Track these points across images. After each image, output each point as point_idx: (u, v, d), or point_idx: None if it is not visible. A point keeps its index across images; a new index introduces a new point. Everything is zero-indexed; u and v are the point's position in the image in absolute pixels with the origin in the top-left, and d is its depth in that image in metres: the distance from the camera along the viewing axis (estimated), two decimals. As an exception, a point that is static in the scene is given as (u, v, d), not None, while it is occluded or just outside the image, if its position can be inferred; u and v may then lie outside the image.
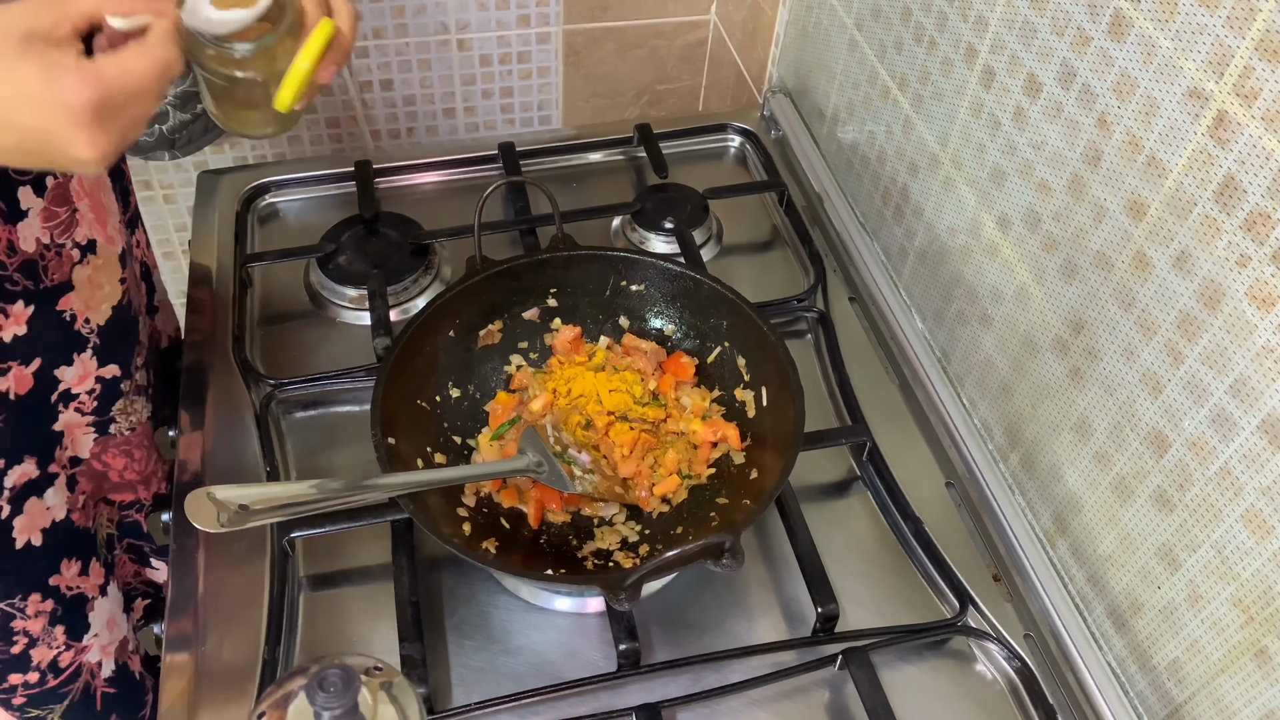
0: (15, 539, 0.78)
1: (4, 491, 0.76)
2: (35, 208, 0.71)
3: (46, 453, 0.79)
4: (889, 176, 1.00)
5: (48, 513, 0.80)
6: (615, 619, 0.73)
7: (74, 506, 0.83)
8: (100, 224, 0.78)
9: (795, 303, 0.98)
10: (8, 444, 0.76)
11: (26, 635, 0.82)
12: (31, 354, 0.74)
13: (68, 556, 0.83)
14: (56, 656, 0.84)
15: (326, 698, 0.50)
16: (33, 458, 0.78)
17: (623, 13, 1.39)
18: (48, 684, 0.85)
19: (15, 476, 0.77)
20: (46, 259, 0.73)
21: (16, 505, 0.78)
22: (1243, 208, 0.58)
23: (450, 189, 1.12)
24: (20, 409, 0.75)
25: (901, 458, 0.87)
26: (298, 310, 0.98)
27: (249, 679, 0.72)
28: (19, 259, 0.71)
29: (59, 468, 0.80)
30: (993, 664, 0.77)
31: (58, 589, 0.82)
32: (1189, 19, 0.59)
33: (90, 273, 0.77)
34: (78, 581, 0.84)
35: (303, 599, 0.78)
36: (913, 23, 0.90)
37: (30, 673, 0.83)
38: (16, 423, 0.75)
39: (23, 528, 0.78)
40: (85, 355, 0.79)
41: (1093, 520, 0.75)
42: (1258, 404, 0.59)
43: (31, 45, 0.52)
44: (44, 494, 0.79)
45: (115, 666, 0.89)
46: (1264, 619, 0.61)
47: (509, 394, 0.87)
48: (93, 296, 0.78)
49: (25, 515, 0.78)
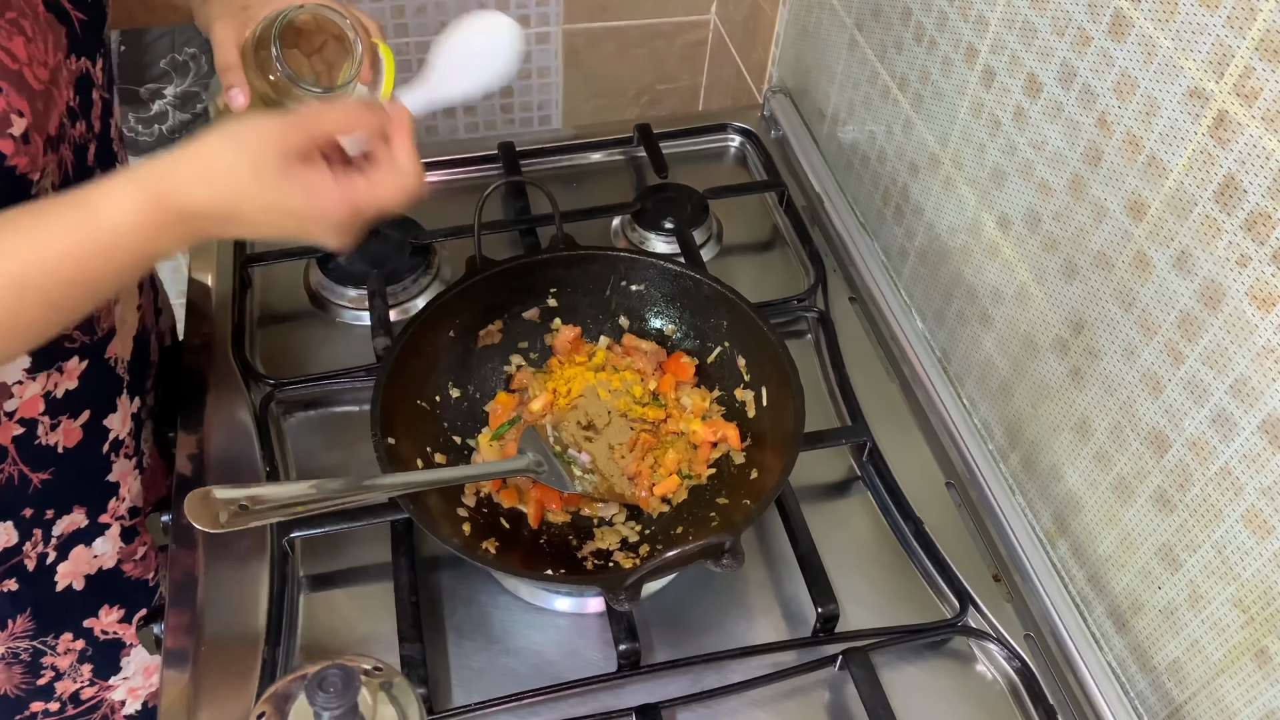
0: (57, 582, 0.79)
1: (51, 539, 0.76)
2: None
3: (99, 503, 0.79)
4: (889, 176, 1.00)
5: (95, 560, 0.80)
6: (615, 619, 0.73)
7: (128, 557, 0.82)
8: None
9: (795, 303, 0.98)
10: (56, 495, 0.75)
11: (54, 670, 0.82)
12: (81, 407, 0.74)
13: (109, 603, 0.83)
14: (79, 690, 0.84)
15: (326, 698, 0.50)
16: (82, 508, 0.78)
17: (623, 13, 1.39)
18: (67, 713, 0.85)
19: (63, 526, 0.77)
20: (99, 309, 0.73)
21: (62, 552, 0.78)
22: (1243, 208, 0.58)
23: (450, 189, 1.12)
24: (69, 461, 0.75)
25: (901, 458, 0.87)
26: (298, 310, 0.98)
27: (249, 679, 0.72)
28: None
29: (112, 519, 0.80)
30: (993, 664, 0.77)
31: (91, 631, 0.82)
32: (1189, 19, 0.59)
33: (121, 311, 0.77)
34: (116, 628, 0.84)
35: (303, 599, 0.78)
36: (913, 23, 0.90)
37: (52, 702, 0.84)
38: (66, 475, 0.75)
39: (65, 572, 0.79)
40: (123, 397, 0.79)
41: (1093, 520, 0.75)
42: (1258, 404, 0.59)
43: (289, 166, 0.58)
44: (93, 543, 0.79)
45: (140, 707, 0.89)
46: (1264, 619, 0.61)
47: (509, 394, 0.87)
48: (124, 334, 0.78)
49: (69, 561, 0.78)
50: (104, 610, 0.83)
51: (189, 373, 0.91)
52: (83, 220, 0.56)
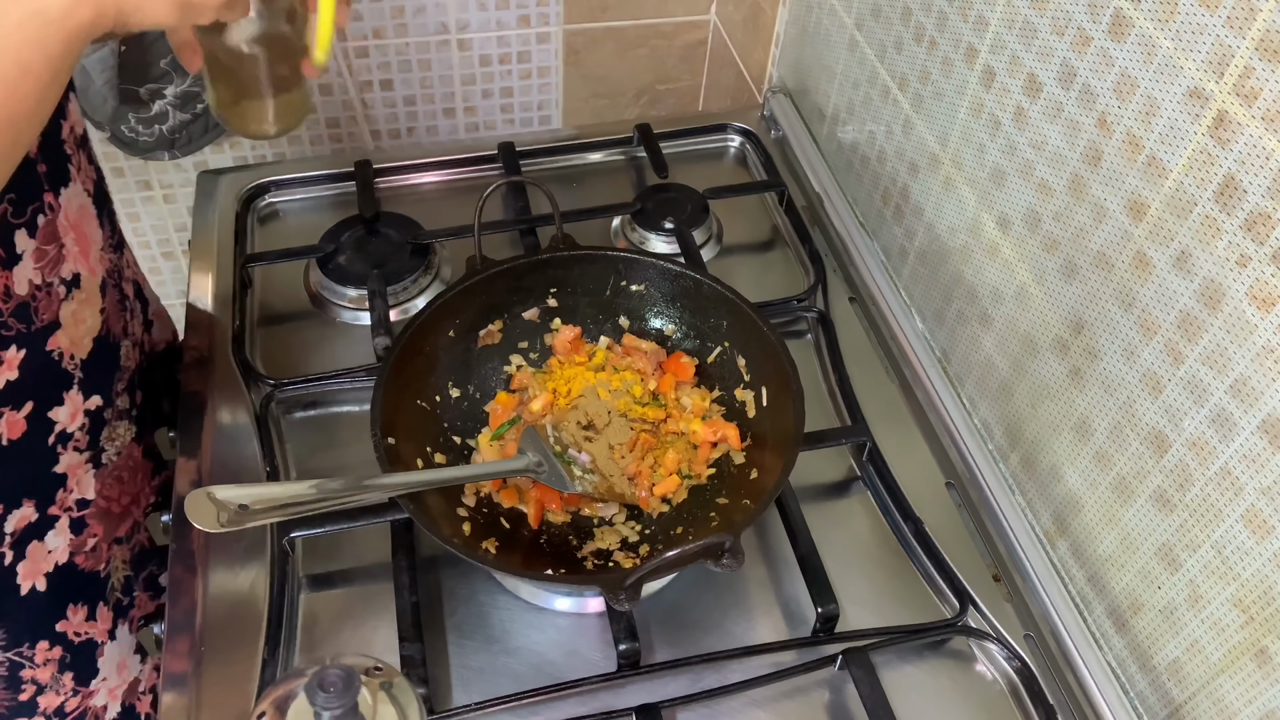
0: (20, 585, 0.78)
1: (5, 537, 0.76)
2: (29, 249, 0.70)
3: (47, 496, 0.78)
4: (889, 176, 1.00)
5: (50, 556, 0.79)
6: (615, 619, 0.73)
7: (79, 549, 0.82)
8: (84, 256, 0.77)
9: (795, 303, 0.98)
10: (4, 489, 0.75)
11: (35, 684, 0.81)
12: (23, 398, 0.73)
13: (74, 601, 0.82)
14: (63, 703, 0.84)
15: (326, 698, 0.50)
16: (31, 501, 0.77)
17: (623, 13, 1.39)
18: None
19: (15, 521, 0.76)
20: (38, 300, 0.72)
21: (18, 550, 0.77)
22: (1243, 208, 0.58)
23: (450, 189, 1.12)
24: (14, 454, 0.74)
25: (901, 458, 0.87)
26: (298, 310, 0.98)
27: (249, 679, 0.72)
28: (14, 303, 0.70)
29: (60, 510, 0.79)
30: (993, 664, 0.77)
31: (65, 635, 0.82)
32: (1189, 19, 0.59)
33: (74, 308, 0.76)
34: (85, 627, 0.83)
35: (303, 599, 0.78)
36: (913, 23, 0.90)
37: (36, 717, 0.83)
38: (12, 468, 0.74)
39: (26, 573, 0.78)
40: (73, 392, 0.78)
41: (1093, 520, 0.75)
42: (1258, 404, 0.59)
43: None
44: (45, 537, 0.79)
45: (120, 709, 0.89)
46: (1264, 619, 0.61)
47: (509, 394, 0.87)
48: (76, 331, 0.77)
49: (28, 560, 0.77)
50: (71, 610, 0.82)
51: (189, 373, 0.91)
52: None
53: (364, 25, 1.31)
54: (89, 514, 0.82)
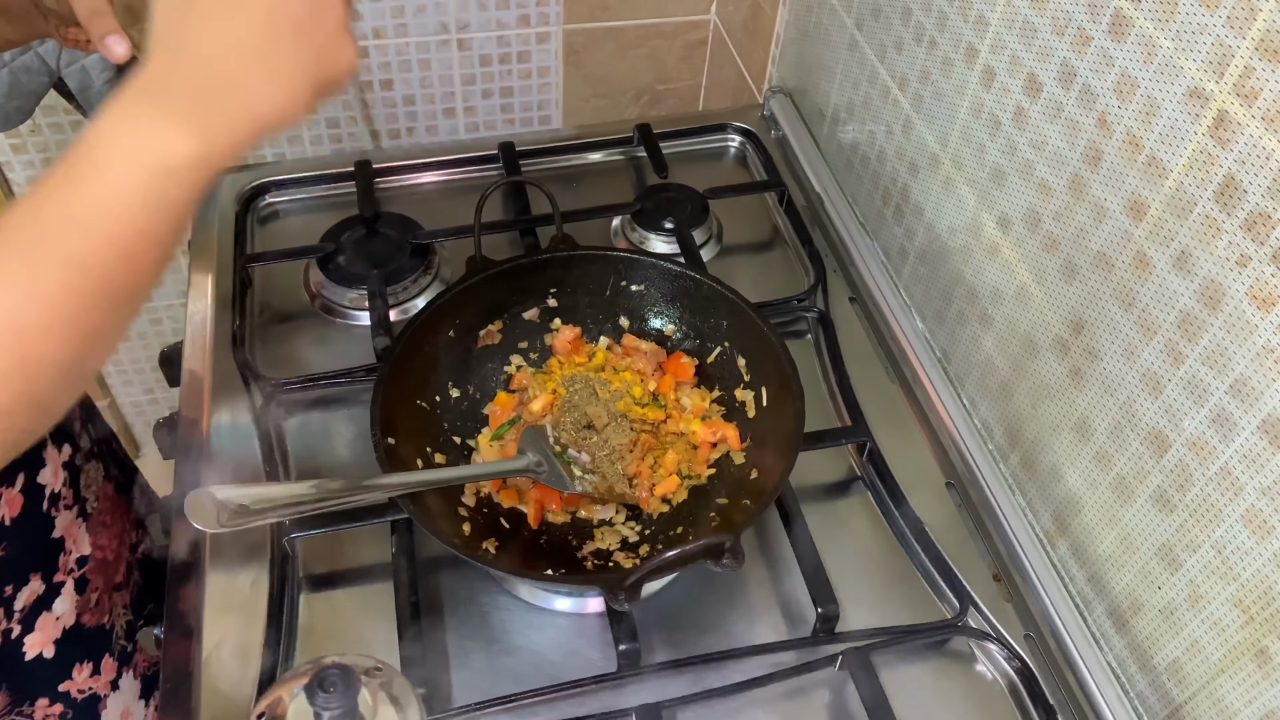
0: (25, 653, 0.77)
1: (14, 614, 0.75)
2: None
3: (51, 564, 0.78)
4: (889, 176, 1.00)
5: (58, 623, 0.79)
6: (615, 619, 0.73)
7: (84, 608, 0.81)
8: None
9: (795, 303, 0.98)
10: (11, 569, 0.74)
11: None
12: (14, 473, 0.73)
13: (79, 660, 0.82)
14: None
15: (326, 698, 0.50)
16: (37, 573, 0.77)
17: (623, 13, 1.39)
18: None
19: (25, 598, 0.76)
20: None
21: (27, 624, 0.77)
22: (1243, 208, 0.58)
23: (450, 189, 1.12)
24: (17, 530, 0.74)
25: (901, 458, 0.87)
26: (298, 310, 0.98)
27: (249, 679, 0.72)
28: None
29: (64, 575, 0.79)
30: (993, 664, 0.77)
31: (68, 694, 0.81)
32: (1189, 19, 0.59)
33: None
34: (89, 683, 0.83)
35: (303, 599, 0.78)
36: (913, 23, 0.90)
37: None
38: (18, 545, 0.74)
39: (34, 643, 0.77)
40: (49, 450, 0.77)
41: (1093, 520, 0.75)
42: (1258, 404, 0.59)
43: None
44: (52, 605, 0.78)
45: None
46: (1264, 619, 0.61)
47: (509, 394, 0.87)
48: None
49: (37, 632, 0.77)
50: (76, 670, 0.81)
51: (189, 373, 0.91)
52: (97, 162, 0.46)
53: (364, 25, 1.31)
54: (89, 570, 0.82)
